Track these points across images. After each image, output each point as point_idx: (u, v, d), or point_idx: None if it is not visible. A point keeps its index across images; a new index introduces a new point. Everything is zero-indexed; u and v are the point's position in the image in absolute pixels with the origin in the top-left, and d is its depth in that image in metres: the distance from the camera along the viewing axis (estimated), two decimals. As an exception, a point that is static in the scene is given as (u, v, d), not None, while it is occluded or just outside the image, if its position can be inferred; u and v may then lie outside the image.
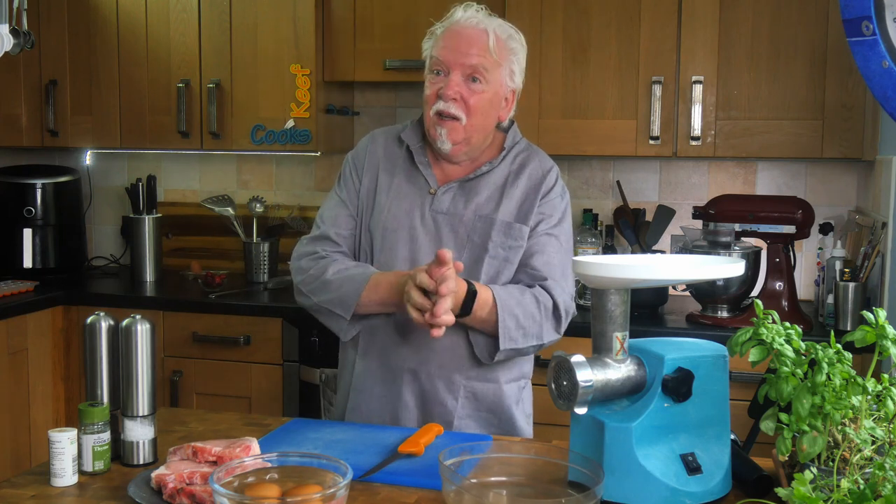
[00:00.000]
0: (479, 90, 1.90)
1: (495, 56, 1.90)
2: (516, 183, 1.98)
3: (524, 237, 1.95)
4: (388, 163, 2.03)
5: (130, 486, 1.44)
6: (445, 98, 1.89)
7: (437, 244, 1.93)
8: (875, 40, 1.90)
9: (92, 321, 1.60)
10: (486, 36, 1.89)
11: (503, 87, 1.95)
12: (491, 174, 1.99)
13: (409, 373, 1.93)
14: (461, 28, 1.90)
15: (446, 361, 1.93)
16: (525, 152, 2.03)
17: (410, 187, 1.99)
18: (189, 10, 3.35)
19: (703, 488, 1.41)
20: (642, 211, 3.28)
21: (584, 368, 1.38)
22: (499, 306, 1.84)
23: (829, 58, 2.85)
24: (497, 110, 1.96)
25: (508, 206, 1.96)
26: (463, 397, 1.94)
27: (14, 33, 2.01)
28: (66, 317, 3.30)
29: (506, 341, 1.86)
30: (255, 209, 3.52)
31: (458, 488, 1.30)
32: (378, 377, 1.96)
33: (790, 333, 1.37)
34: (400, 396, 1.94)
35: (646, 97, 2.98)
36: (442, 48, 1.90)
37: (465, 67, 1.88)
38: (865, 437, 1.29)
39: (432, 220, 1.96)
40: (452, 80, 1.89)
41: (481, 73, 1.89)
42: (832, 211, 3.19)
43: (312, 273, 1.95)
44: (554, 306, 1.92)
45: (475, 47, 1.88)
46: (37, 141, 3.56)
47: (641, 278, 1.42)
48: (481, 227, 1.94)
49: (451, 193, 1.97)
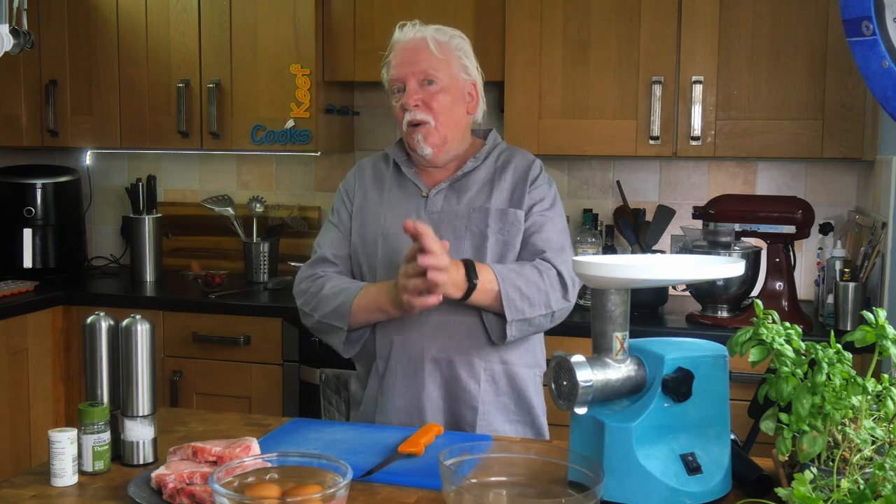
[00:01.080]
0: (436, 90, 1.99)
1: (440, 55, 2.00)
2: (503, 176, 2.05)
3: (521, 220, 2.01)
4: (377, 180, 2.12)
5: (130, 486, 1.44)
6: (409, 108, 1.99)
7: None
8: (875, 40, 1.90)
9: (92, 321, 1.60)
10: (426, 42, 2.00)
11: (459, 82, 2.03)
12: (477, 171, 2.06)
13: (431, 362, 1.96)
14: (404, 44, 2.03)
15: (465, 347, 1.96)
16: (507, 151, 2.12)
17: (403, 195, 2.07)
18: (189, 10, 3.35)
19: (703, 488, 1.41)
20: (642, 211, 3.28)
21: (584, 368, 1.38)
22: (499, 280, 1.89)
23: (829, 58, 2.85)
24: (462, 105, 2.05)
25: (500, 196, 2.03)
26: (485, 381, 1.97)
27: (14, 33, 2.01)
28: (66, 317, 3.30)
29: (512, 312, 1.90)
30: (255, 209, 3.52)
31: (458, 488, 1.30)
32: (399, 373, 1.98)
33: (790, 333, 1.37)
34: (423, 388, 1.96)
35: (646, 97, 2.98)
36: (393, 67, 2.02)
37: (417, 74, 1.99)
38: (865, 437, 1.29)
39: (429, 220, 1.99)
40: (409, 90, 1.99)
41: (433, 75, 1.99)
42: (832, 211, 3.19)
43: (311, 291, 2.02)
44: (558, 274, 1.96)
45: (419, 54, 2.00)
46: (37, 141, 3.57)
47: (641, 278, 1.42)
48: (477, 218, 2.00)
49: (443, 194, 2.04)
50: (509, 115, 3.10)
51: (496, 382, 1.99)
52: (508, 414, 2.00)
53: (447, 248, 1.82)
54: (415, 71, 1.99)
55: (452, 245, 1.95)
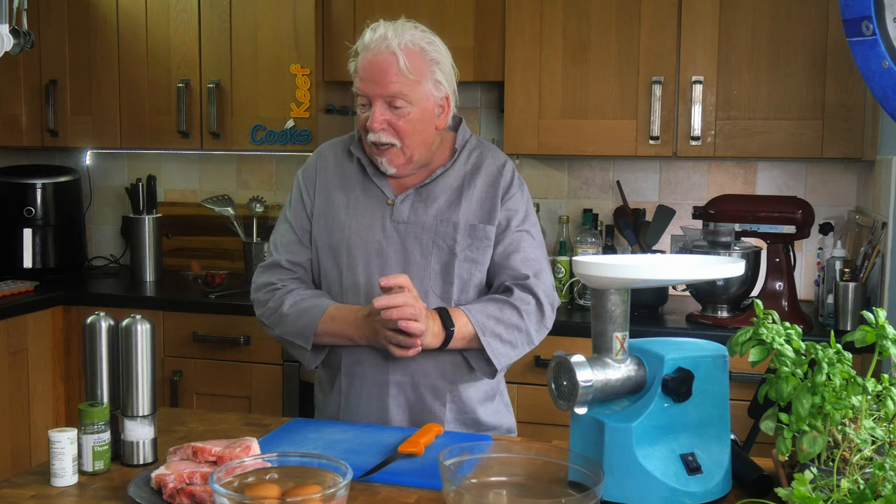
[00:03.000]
0: (404, 114, 1.87)
1: (411, 76, 1.85)
2: (473, 183, 1.97)
3: (490, 237, 1.95)
4: (341, 178, 2.02)
5: (130, 486, 1.44)
6: (373, 129, 1.88)
7: (403, 255, 1.93)
8: (875, 40, 1.90)
9: (92, 321, 1.60)
10: (396, 58, 1.84)
11: (430, 100, 1.90)
12: (446, 176, 1.98)
13: (395, 386, 1.93)
14: (372, 56, 1.87)
15: (430, 370, 1.93)
16: (477, 150, 2.02)
17: (368, 201, 1.98)
18: (189, 10, 3.35)
19: (703, 488, 1.41)
20: (642, 211, 3.28)
21: (584, 368, 1.38)
22: (478, 332, 1.86)
23: (829, 58, 2.85)
24: (432, 123, 1.93)
25: (469, 208, 1.95)
26: (450, 402, 1.95)
27: (14, 33, 2.01)
28: (66, 317, 3.30)
29: (499, 360, 1.90)
30: (255, 209, 3.52)
31: (458, 488, 1.30)
32: (363, 394, 1.95)
33: (790, 333, 1.37)
34: (387, 411, 1.93)
35: (646, 97, 2.98)
36: (360, 80, 1.89)
37: (384, 95, 1.86)
38: (865, 437, 1.29)
39: (395, 230, 1.94)
40: (376, 112, 1.87)
41: (402, 97, 1.86)
42: (832, 211, 3.19)
43: (270, 306, 1.97)
44: (537, 303, 1.94)
45: (388, 74, 1.85)
46: (37, 141, 3.56)
47: (641, 278, 1.42)
48: (445, 232, 1.93)
49: (410, 201, 1.96)
50: (509, 115, 3.10)
51: (462, 401, 1.96)
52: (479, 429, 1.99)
53: (408, 283, 1.78)
54: (382, 93, 1.86)
55: (418, 262, 1.92)
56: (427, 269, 1.93)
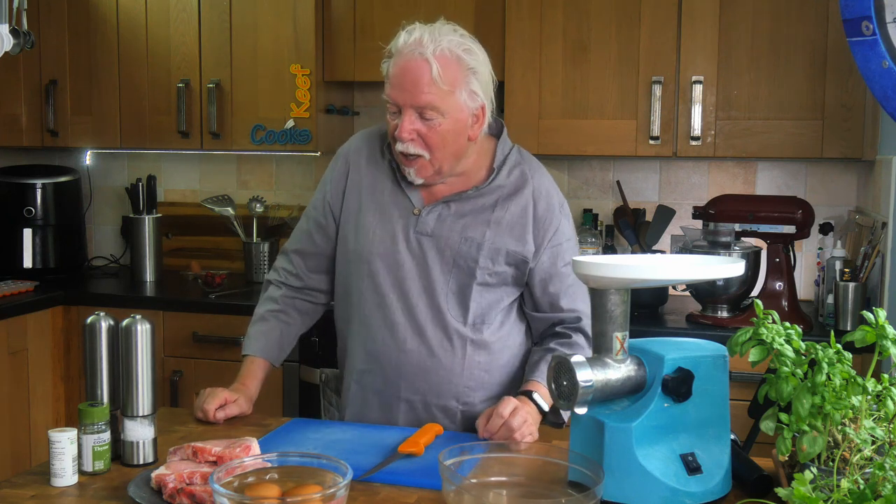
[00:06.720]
0: (435, 125, 1.78)
1: (445, 86, 1.76)
2: (507, 205, 1.88)
3: (516, 264, 1.88)
4: (371, 179, 1.95)
5: (130, 486, 1.44)
6: (402, 139, 1.80)
7: (423, 269, 1.87)
8: (875, 40, 1.90)
9: (92, 321, 1.60)
10: (429, 67, 1.75)
11: (464, 111, 1.81)
12: (480, 192, 1.90)
13: (405, 403, 1.91)
14: (404, 62, 1.78)
15: (443, 390, 1.89)
16: (518, 167, 1.93)
17: (395, 208, 1.91)
18: (189, 10, 3.35)
19: (703, 488, 1.41)
20: (642, 211, 3.28)
21: (584, 368, 1.38)
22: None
23: (829, 58, 2.85)
24: (464, 134, 1.83)
25: (498, 230, 1.87)
26: (460, 419, 1.92)
27: (14, 33, 2.01)
28: (66, 317, 3.30)
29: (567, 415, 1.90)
30: (255, 209, 3.52)
31: (458, 488, 1.30)
32: (374, 405, 1.94)
33: (790, 333, 1.37)
34: (396, 424, 1.91)
35: (646, 97, 2.98)
36: (391, 87, 1.80)
37: (415, 106, 1.77)
38: (865, 437, 1.29)
39: (417, 242, 1.88)
40: (405, 121, 1.78)
41: (433, 109, 1.77)
42: (832, 211, 3.19)
43: (262, 296, 2.11)
44: (587, 339, 1.92)
45: (420, 83, 1.76)
46: (37, 141, 3.56)
47: (641, 278, 1.42)
48: (467, 252, 1.86)
49: (437, 213, 1.88)
50: (509, 115, 3.09)
51: (473, 419, 1.90)
52: None
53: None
54: (412, 102, 1.77)
55: (437, 278, 1.86)
56: (445, 287, 1.87)
